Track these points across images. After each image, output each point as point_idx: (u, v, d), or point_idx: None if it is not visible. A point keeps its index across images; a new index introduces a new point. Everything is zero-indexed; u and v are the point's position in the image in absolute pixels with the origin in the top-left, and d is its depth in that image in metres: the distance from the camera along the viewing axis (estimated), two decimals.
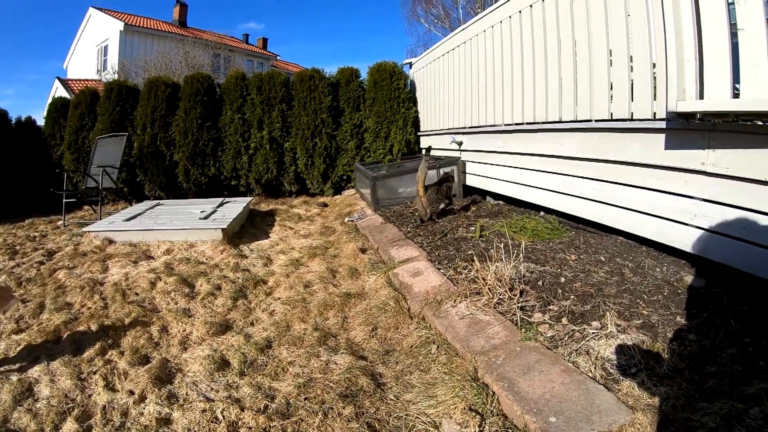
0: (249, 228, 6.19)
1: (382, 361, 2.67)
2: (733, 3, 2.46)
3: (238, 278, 4.14)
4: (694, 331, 2.31)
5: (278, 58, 35.18)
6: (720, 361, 2.05)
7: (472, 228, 4.50)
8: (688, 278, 2.90)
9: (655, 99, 3.13)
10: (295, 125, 8.62)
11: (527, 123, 4.84)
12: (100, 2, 27.20)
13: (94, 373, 2.67)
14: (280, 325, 3.21)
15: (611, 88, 3.59)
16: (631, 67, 3.36)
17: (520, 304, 2.77)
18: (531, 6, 4.59)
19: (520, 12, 4.83)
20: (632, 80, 3.37)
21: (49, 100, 9.93)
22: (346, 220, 6.18)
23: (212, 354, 2.79)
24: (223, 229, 5.21)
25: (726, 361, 2.04)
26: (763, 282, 2.51)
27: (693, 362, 2.09)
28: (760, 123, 2.42)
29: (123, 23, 25.07)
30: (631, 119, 3.37)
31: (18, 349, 2.97)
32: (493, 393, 2.08)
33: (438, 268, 3.61)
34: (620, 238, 3.83)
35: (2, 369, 2.76)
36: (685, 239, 3.00)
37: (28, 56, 58.67)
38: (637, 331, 2.34)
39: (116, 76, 19.69)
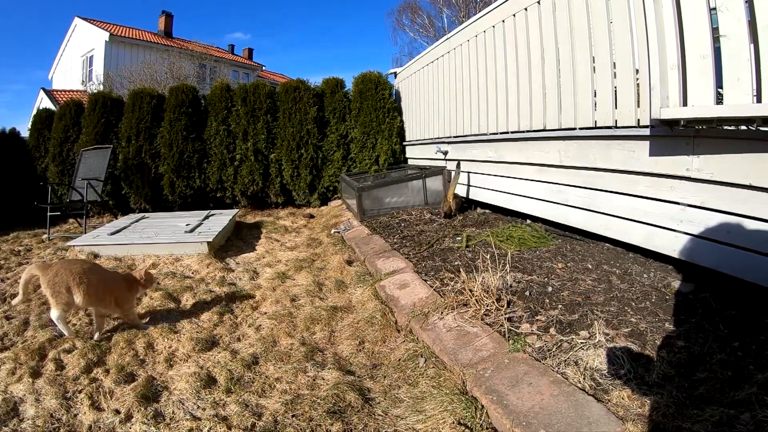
0: (235, 240, 6.14)
1: (370, 376, 2.64)
2: (715, 9, 2.47)
3: (225, 292, 4.09)
4: (683, 337, 2.31)
5: (264, 68, 35.17)
6: (710, 367, 2.04)
7: (459, 238, 4.49)
8: (676, 284, 2.91)
9: (638, 106, 3.15)
10: (280, 136, 8.62)
11: (512, 132, 4.85)
12: (86, 12, 27.13)
13: (80, 391, 2.61)
14: (267, 340, 3.17)
15: (595, 96, 3.61)
16: (615, 74, 3.38)
17: (507, 315, 2.75)
18: (514, 15, 4.61)
19: (503, 21, 4.85)
20: (616, 87, 3.38)
21: (34, 111, 9.86)
22: (332, 231, 6.14)
23: (198, 371, 2.74)
24: (208, 243, 5.17)
25: (716, 366, 2.03)
26: (751, 285, 2.52)
27: (683, 369, 2.08)
28: (744, 128, 2.43)
29: (108, 34, 24.94)
30: (616, 126, 3.39)
31: (2, 367, 2.91)
32: (482, 406, 2.05)
33: (425, 280, 3.58)
34: (607, 244, 3.84)
35: None
36: (672, 245, 3.01)
37: (13, 66, 58.21)
38: (626, 340, 2.33)
39: (101, 87, 19.56)
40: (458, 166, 6.16)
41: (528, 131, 4.54)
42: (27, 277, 3.22)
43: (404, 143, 8.89)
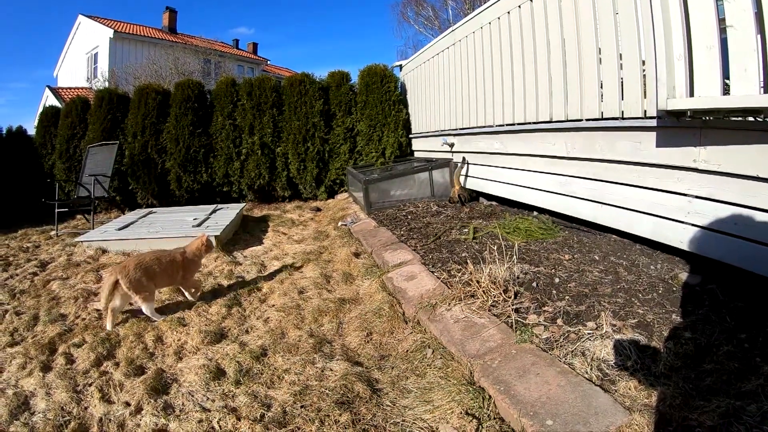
0: (242, 234, 6.17)
1: (378, 367, 2.66)
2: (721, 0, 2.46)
3: (232, 285, 4.12)
4: (689, 328, 2.31)
5: (269, 62, 35.15)
6: (716, 359, 2.05)
7: (465, 230, 4.49)
8: (683, 275, 2.91)
9: (645, 97, 3.13)
10: (286, 130, 8.62)
11: (518, 123, 4.84)
12: (90, 10, 27.10)
13: (90, 385, 2.65)
14: (275, 332, 3.19)
15: (601, 87, 3.60)
16: (621, 65, 3.36)
17: (514, 306, 2.76)
18: (519, 6, 4.59)
19: (508, 13, 4.83)
20: (622, 78, 3.37)
21: (40, 109, 9.86)
22: (339, 224, 6.16)
23: (207, 363, 2.77)
24: (216, 236, 5.18)
25: (722, 358, 2.04)
26: (758, 277, 2.52)
27: (689, 360, 2.08)
28: (750, 119, 2.42)
29: (113, 30, 24.93)
30: (622, 118, 3.37)
31: (13, 362, 2.94)
32: (490, 396, 2.07)
33: (432, 272, 3.60)
34: (614, 236, 3.83)
35: None
36: (679, 236, 3.01)
37: (18, 65, 58.42)
38: (633, 331, 2.34)
39: (107, 84, 19.64)
40: (464, 161, 6.32)
41: (534, 123, 4.53)
42: (112, 280, 3.38)
43: (410, 136, 8.88)
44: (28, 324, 3.53)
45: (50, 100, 21.86)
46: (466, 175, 6.39)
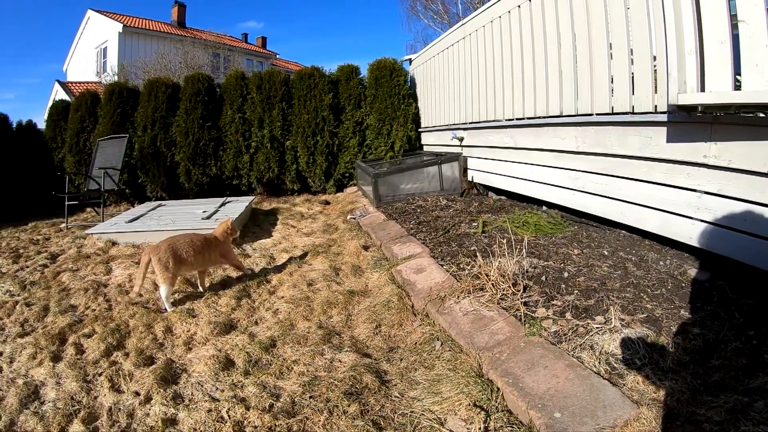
0: (251, 227, 6.19)
1: (387, 359, 2.67)
2: None
3: (241, 277, 4.14)
4: (698, 324, 2.31)
5: (278, 56, 35.08)
6: (724, 355, 2.05)
7: (475, 224, 4.49)
8: (692, 271, 2.90)
9: (656, 92, 3.13)
10: (295, 123, 8.63)
11: (528, 118, 4.83)
12: (99, 4, 27.15)
13: (100, 374, 2.68)
14: (284, 323, 3.21)
15: (612, 82, 3.59)
16: (632, 60, 3.36)
17: (523, 300, 2.77)
18: (530, 0, 4.58)
19: (519, 7, 4.82)
20: (633, 73, 3.36)
21: (50, 103, 9.93)
22: (348, 217, 6.17)
23: (217, 354, 2.79)
24: None
25: (730, 354, 2.04)
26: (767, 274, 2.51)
27: (697, 356, 2.08)
28: (762, 115, 2.41)
29: (122, 25, 25.00)
30: (633, 113, 3.37)
31: (24, 352, 2.97)
32: (498, 389, 2.08)
33: (441, 265, 3.60)
34: (623, 231, 3.83)
35: (8, 372, 2.77)
36: (688, 232, 3.00)
37: (28, 59, 58.71)
38: (642, 326, 2.34)
39: (116, 78, 19.68)
40: (466, 161, 6.53)
41: (544, 117, 4.53)
42: (146, 259, 3.53)
43: (419, 130, 8.88)
44: (39, 315, 3.56)
45: (60, 94, 21.98)
46: (476, 170, 6.38)
